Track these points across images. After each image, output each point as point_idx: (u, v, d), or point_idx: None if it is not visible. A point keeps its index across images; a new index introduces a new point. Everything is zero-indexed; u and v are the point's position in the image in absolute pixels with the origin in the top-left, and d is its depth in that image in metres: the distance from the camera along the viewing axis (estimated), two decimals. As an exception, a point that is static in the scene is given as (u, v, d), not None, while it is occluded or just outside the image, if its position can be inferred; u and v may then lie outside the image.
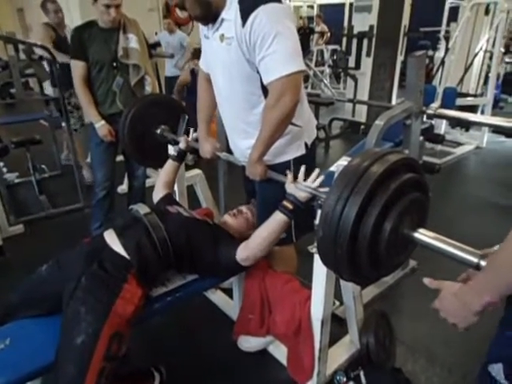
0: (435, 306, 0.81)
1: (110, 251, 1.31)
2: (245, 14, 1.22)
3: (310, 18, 10.35)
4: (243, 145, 1.53)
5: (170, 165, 1.82)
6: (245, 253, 1.41)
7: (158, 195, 1.73)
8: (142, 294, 1.28)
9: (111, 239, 1.35)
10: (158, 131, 1.94)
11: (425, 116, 1.99)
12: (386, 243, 0.91)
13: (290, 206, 1.30)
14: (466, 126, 4.84)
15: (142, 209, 1.46)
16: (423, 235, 0.95)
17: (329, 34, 8.54)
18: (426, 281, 0.84)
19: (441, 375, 1.63)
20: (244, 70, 1.33)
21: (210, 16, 1.33)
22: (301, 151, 1.50)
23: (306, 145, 1.51)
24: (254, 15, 1.20)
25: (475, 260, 0.83)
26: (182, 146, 1.78)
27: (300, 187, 1.27)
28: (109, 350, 1.14)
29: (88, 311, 1.16)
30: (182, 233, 1.43)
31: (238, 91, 1.41)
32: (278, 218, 1.34)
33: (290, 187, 1.30)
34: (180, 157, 1.82)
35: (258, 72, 1.32)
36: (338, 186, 0.91)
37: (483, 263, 0.81)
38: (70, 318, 1.17)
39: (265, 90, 1.35)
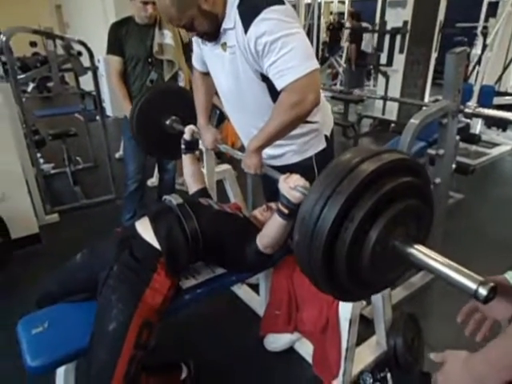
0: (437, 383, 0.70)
1: (140, 240, 1.34)
2: (246, 21, 1.16)
3: (341, 14, 10.16)
4: None
5: (184, 158, 1.80)
6: (261, 242, 1.37)
7: (191, 189, 1.75)
8: (170, 285, 1.30)
9: (143, 228, 1.37)
10: (168, 122, 1.88)
11: (460, 115, 1.93)
12: (370, 255, 0.77)
13: (285, 210, 1.19)
14: (504, 125, 4.64)
15: (175, 199, 1.48)
16: (418, 251, 0.78)
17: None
18: (432, 356, 0.75)
19: (471, 382, 1.58)
20: (251, 77, 1.29)
21: (217, 29, 1.26)
22: (322, 145, 1.50)
23: (325, 137, 1.50)
24: (258, 21, 1.14)
25: (474, 287, 0.68)
26: (186, 136, 1.75)
27: (292, 187, 1.15)
28: (139, 338, 1.17)
29: (119, 299, 1.19)
30: (213, 225, 1.44)
31: (247, 98, 1.38)
32: (277, 222, 1.25)
33: (282, 187, 1.18)
34: (189, 148, 1.77)
35: (263, 80, 1.28)
36: (321, 183, 0.78)
37: (482, 291, 0.67)
38: (102, 305, 1.22)
39: (273, 94, 1.30)
